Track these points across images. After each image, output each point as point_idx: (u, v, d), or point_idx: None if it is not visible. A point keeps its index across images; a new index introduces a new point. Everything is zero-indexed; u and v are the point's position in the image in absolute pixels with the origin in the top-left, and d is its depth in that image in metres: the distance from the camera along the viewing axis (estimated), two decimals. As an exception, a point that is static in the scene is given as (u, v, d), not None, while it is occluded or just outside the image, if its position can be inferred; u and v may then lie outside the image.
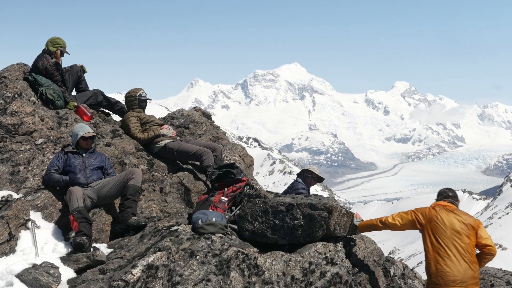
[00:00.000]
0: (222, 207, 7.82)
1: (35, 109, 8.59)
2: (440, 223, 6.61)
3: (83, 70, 10.15)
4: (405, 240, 72.77)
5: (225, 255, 6.27)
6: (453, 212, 6.70)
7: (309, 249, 6.65)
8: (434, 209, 6.79)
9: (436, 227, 6.63)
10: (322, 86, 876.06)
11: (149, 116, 9.71)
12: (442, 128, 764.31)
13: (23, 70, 9.44)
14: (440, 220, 6.62)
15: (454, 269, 6.47)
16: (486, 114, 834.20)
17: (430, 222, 6.70)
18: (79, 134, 7.82)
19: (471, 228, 6.62)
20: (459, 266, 6.47)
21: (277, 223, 6.94)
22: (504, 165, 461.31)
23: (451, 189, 7.15)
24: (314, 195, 7.67)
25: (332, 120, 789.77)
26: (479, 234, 6.65)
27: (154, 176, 8.85)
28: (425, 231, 6.75)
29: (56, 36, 9.58)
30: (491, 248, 6.67)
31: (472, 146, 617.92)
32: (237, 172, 8.29)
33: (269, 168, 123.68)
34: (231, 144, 10.92)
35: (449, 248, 6.54)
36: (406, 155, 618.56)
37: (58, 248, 6.79)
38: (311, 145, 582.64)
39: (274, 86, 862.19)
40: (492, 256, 6.75)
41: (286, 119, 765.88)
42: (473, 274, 6.51)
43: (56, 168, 7.62)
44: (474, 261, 6.59)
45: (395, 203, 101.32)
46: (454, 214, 6.68)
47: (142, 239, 6.93)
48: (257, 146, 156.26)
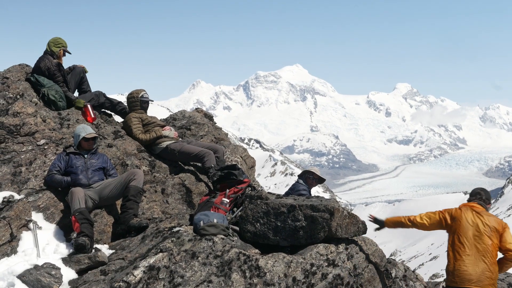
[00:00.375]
0: (223, 208, 7.82)
1: (37, 110, 8.59)
2: (464, 223, 6.73)
3: (84, 71, 10.16)
4: (407, 242, 72.70)
5: (227, 256, 6.27)
6: (479, 214, 6.79)
7: (311, 250, 6.64)
8: (461, 209, 6.92)
9: (460, 226, 6.75)
10: (323, 88, 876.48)
11: (151, 117, 9.71)
12: (443, 130, 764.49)
13: (25, 71, 9.46)
14: (464, 220, 6.75)
15: (471, 268, 6.55)
16: (488, 116, 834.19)
17: (455, 222, 6.83)
18: (81, 135, 7.82)
19: (495, 230, 6.68)
20: (476, 266, 6.54)
21: (278, 224, 6.94)
22: (505, 167, 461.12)
23: (486, 191, 7.22)
24: (316, 197, 7.67)
25: (334, 122, 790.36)
26: (504, 237, 6.72)
27: (156, 177, 8.85)
28: (450, 231, 6.90)
29: (57, 37, 9.58)
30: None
31: (474, 148, 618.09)
32: (238, 173, 8.29)
33: (270, 170, 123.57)
34: (233, 145, 10.92)
35: (469, 247, 6.63)
36: (407, 157, 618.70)
37: (60, 249, 6.78)
38: (312, 146, 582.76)
39: (275, 87, 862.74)
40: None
41: (287, 121, 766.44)
42: (490, 275, 6.58)
43: (58, 169, 7.62)
44: (494, 263, 6.66)
45: (396, 204, 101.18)
46: (479, 215, 6.77)
47: (144, 240, 6.93)
48: (259, 148, 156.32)
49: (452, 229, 6.85)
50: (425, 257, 53.63)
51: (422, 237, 65.46)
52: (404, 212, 78.54)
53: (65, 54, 9.64)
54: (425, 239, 63.25)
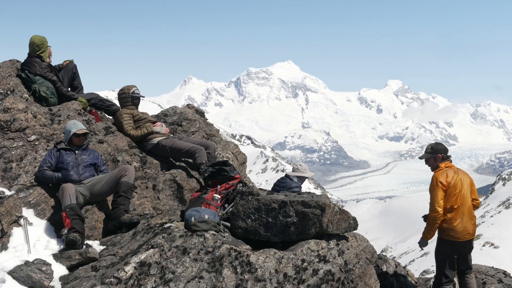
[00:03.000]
0: (215, 204, 7.82)
1: (27, 105, 8.56)
2: (456, 186, 7.79)
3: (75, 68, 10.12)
4: (398, 238, 73.01)
5: (218, 252, 6.27)
6: (456, 172, 7.94)
7: (302, 246, 6.65)
8: (447, 173, 7.84)
9: (455, 190, 7.77)
10: (315, 84, 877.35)
11: (142, 113, 9.70)
12: (435, 126, 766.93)
13: (15, 67, 9.41)
14: (455, 183, 7.80)
15: (467, 224, 7.82)
16: (479, 113, 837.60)
17: (449, 188, 7.80)
18: (71, 131, 7.80)
19: (470, 185, 7.96)
20: (470, 221, 7.84)
21: (270, 220, 6.95)
22: (496, 163, 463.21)
23: (439, 144, 8.32)
24: (307, 193, 7.68)
25: (325, 118, 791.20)
26: (474, 190, 8.04)
27: (147, 173, 8.84)
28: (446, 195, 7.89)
29: (39, 37, 9.35)
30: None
31: (465, 144, 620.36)
32: (230, 169, 8.30)
33: (262, 166, 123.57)
34: (224, 141, 10.92)
35: (463, 206, 7.78)
36: (398, 154, 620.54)
37: (51, 245, 6.76)
38: (304, 143, 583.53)
39: (267, 84, 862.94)
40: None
41: (279, 117, 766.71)
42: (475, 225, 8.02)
43: (49, 165, 7.60)
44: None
45: (387, 201, 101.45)
46: (457, 174, 7.91)
47: (135, 236, 6.92)
48: (250, 144, 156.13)
49: (450, 195, 7.67)
50: (415, 253, 53.83)
51: (413, 234, 65.74)
52: (395, 208, 78.36)
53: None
54: (415, 235, 63.47)
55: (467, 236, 7.67)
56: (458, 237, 7.63)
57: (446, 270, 7.77)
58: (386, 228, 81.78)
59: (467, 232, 7.65)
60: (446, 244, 7.76)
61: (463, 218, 7.61)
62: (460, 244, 7.70)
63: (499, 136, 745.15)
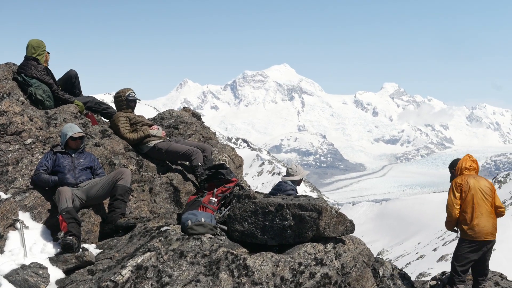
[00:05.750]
0: (211, 207, 7.82)
1: (24, 109, 8.55)
2: (474, 190, 8.08)
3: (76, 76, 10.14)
4: (394, 241, 72.98)
5: (215, 255, 6.27)
6: (476, 179, 8.21)
7: (299, 249, 6.65)
8: (468, 181, 8.16)
9: (474, 193, 8.05)
10: (311, 87, 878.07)
11: (139, 117, 9.69)
12: (430, 129, 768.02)
13: (11, 70, 9.40)
14: (473, 187, 8.10)
15: (487, 224, 7.98)
16: (475, 116, 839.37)
17: (469, 191, 8.11)
18: (68, 134, 7.79)
19: (492, 191, 8.20)
20: (488, 222, 8.01)
21: (266, 223, 6.95)
22: (492, 166, 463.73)
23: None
24: (304, 196, 7.68)
25: (321, 121, 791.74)
26: (496, 197, 8.26)
27: (144, 176, 8.83)
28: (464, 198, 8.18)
29: (36, 40, 9.37)
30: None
31: (461, 147, 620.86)
32: (226, 172, 8.29)
33: (258, 169, 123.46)
34: (221, 144, 10.93)
35: (481, 207, 8.02)
36: (394, 156, 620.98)
37: (47, 249, 6.75)
38: (300, 146, 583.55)
39: (263, 87, 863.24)
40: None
41: (275, 120, 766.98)
42: (496, 227, 8.14)
43: (45, 168, 7.59)
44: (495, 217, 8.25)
45: (383, 204, 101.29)
46: (477, 180, 8.19)
47: (131, 240, 6.91)
48: (246, 147, 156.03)
49: (466, 196, 7.97)
50: (412, 256, 53.81)
51: (409, 237, 65.72)
52: (391, 211, 78.36)
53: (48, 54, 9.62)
54: (412, 238, 63.53)
55: (486, 236, 7.88)
56: (477, 236, 7.86)
57: (460, 269, 8.00)
58: (382, 231, 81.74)
59: (486, 232, 7.87)
60: (466, 243, 8.00)
61: (481, 218, 7.86)
62: (480, 244, 7.92)
63: (495, 139, 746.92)
